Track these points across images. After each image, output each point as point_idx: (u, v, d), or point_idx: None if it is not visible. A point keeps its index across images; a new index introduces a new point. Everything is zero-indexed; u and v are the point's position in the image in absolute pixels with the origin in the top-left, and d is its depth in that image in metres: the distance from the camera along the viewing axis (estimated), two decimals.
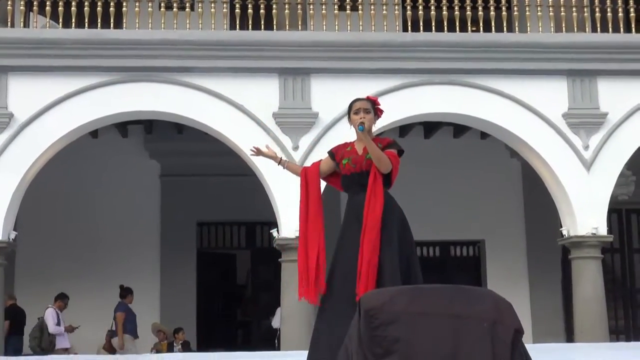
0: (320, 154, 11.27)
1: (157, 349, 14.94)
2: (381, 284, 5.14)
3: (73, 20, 12.78)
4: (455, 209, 16.73)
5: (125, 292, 14.55)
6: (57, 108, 12.37)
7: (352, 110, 5.59)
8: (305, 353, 5.40)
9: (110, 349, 14.30)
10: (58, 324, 14.00)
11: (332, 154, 5.73)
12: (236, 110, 12.56)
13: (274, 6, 12.98)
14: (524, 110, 12.98)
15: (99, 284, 15.95)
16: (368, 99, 5.73)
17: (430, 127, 16.20)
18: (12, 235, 12.43)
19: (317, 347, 5.21)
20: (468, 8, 13.14)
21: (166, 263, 16.39)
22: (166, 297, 16.20)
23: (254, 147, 5.90)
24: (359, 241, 5.35)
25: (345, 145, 5.71)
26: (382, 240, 5.30)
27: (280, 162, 5.83)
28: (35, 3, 12.75)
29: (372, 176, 5.44)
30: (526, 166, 14.93)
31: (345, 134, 6.09)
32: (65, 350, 13.95)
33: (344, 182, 5.63)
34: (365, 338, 3.66)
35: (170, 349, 14.78)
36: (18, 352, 14.07)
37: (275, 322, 14.21)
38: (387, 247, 5.29)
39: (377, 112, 5.69)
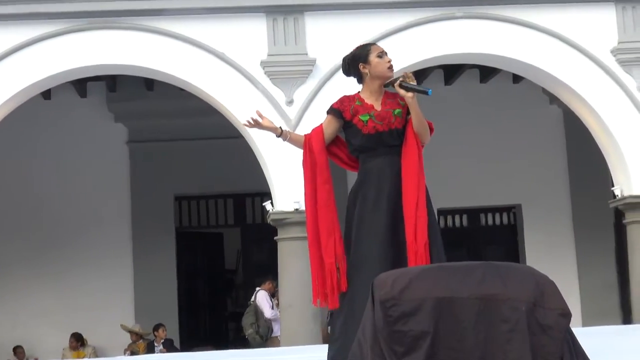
0: (319, 109, 11.29)
1: (131, 350, 14.98)
2: None
3: None
4: (485, 168, 16.81)
5: None
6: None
7: (371, 53, 5.60)
8: (309, 348, 5.43)
9: None
10: (272, 307, 14.20)
11: (338, 111, 5.60)
12: (216, 60, 12.55)
13: None
14: (565, 46, 12.94)
15: (57, 275, 16.00)
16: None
17: (451, 70, 16.23)
18: None
19: (346, 336, 5.13)
20: None
21: (139, 247, 16.46)
22: (141, 287, 16.28)
23: (250, 119, 5.69)
24: (389, 213, 5.40)
25: (351, 98, 5.63)
26: None
27: (281, 134, 5.66)
28: None
29: (414, 141, 5.47)
30: (569, 114, 14.95)
31: (349, 83, 6.07)
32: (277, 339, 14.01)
33: (362, 142, 5.52)
34: (382, 333, 3.63)
35: (150, 349, 14.83)
36: None
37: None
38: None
39: None
